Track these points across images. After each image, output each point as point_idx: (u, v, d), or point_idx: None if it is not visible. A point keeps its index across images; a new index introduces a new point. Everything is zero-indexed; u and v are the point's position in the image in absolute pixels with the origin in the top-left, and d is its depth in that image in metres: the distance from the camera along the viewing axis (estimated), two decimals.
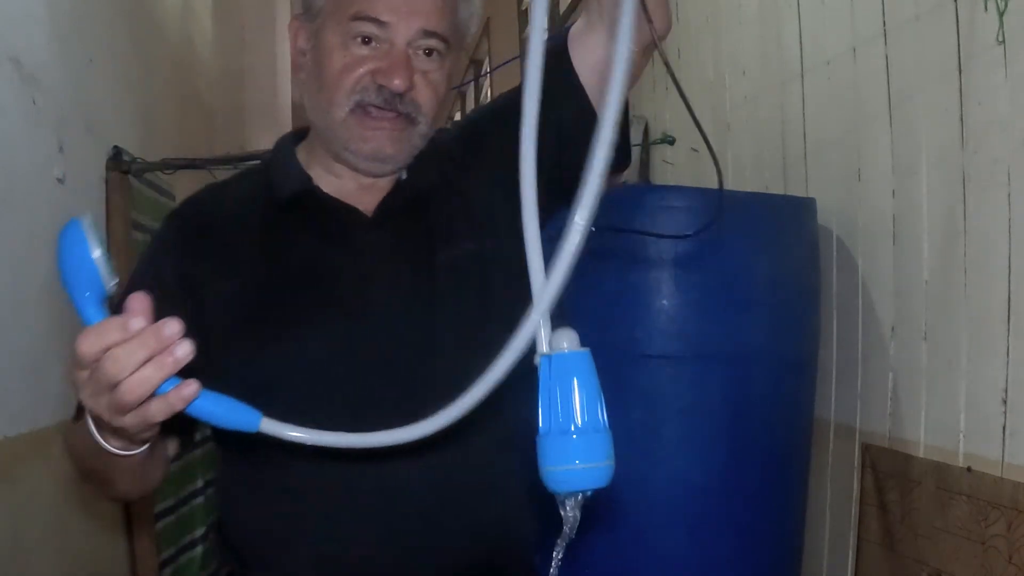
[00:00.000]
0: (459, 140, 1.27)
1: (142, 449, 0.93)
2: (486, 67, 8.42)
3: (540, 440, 0.74)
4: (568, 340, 0.75)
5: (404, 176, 1.21)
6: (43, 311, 2.03)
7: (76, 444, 1.09)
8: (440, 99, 1.16)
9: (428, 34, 1.12)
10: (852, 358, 1.98)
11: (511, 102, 1.24)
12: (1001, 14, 1.47)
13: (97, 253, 0.80)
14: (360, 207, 1.18)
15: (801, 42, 2.22)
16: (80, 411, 1.11)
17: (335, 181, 1.19)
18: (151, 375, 0.78)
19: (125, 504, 2.45)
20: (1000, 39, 1.48)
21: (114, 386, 0.79)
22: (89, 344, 0.80)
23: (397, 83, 1.10)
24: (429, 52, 1.13)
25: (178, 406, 0.80)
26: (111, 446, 0.92)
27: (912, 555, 1.70)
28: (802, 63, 2.21)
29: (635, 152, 3.31)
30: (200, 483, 2.89)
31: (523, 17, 5.42)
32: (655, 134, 3.26)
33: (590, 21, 1.19)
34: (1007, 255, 1.49)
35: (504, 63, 4.70)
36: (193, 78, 3.79)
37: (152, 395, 0.80)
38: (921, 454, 1.72)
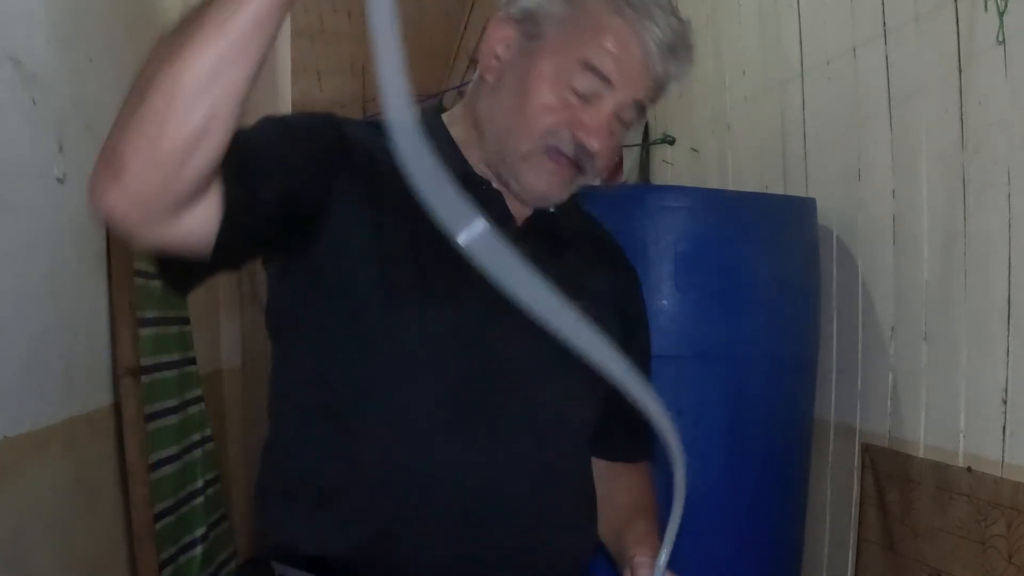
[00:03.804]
0: (627, 267, 1.35)
1: None
2: None
3: None
4: None
5: (552, 208, 1.22)
6: (43, 311, 2.03)
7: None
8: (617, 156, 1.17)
9: (637, 104, 1.13)
10: (852, 358, 1.98)
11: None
12: (1001, 14, 1.47)
13: None
14: (512, 213, 1.19)
15: (801, 42, 2.22)
16: None
17: (484, 176, 1.18)
18: None
19: (125, 504, 2.45)
20: (1000, 39, 1.48)
21: None
22: None
23: (595, 146, 1.11)
24: (625, 120, 1.14)
25: None
26: None
27: (912, 555, 1.70)
28: (802, 63, 2.21)
29: (635, 152, 3.31)
30: (200, 483, 2.89)
31: None
32: (655, 134, 3.26)
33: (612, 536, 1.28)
34: (1007, 255, 1.49)
35: None
36: None
37: None
38: (921, 454, 1.72)
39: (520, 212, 1.20)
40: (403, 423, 1.09)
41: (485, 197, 1.16)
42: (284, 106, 6.66)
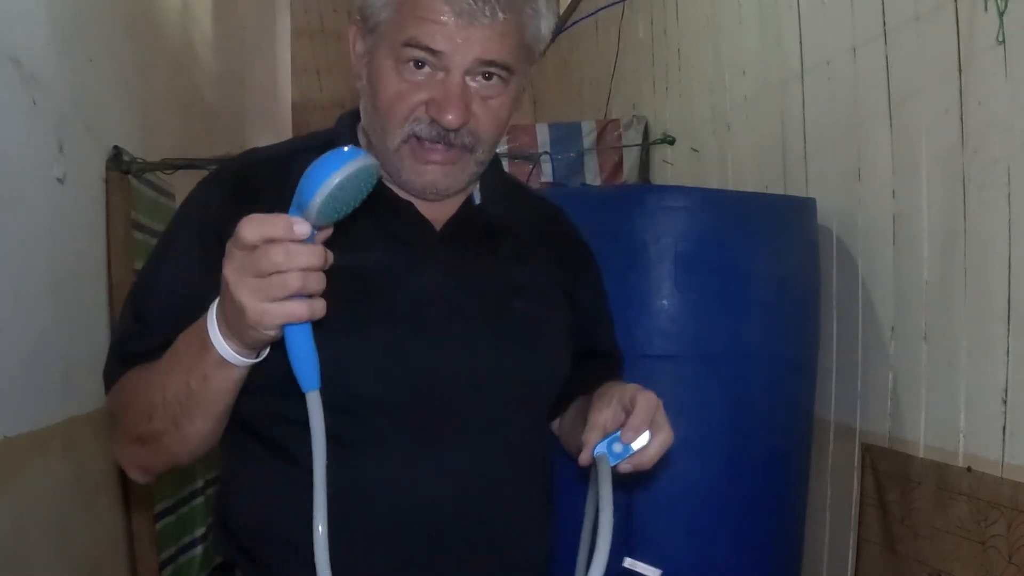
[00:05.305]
0: (574, 242, 1.32)
1: (256, 359, 0.96)
2: None
3: None
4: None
5: (477, 201, 1.19)
6: (43, 311, 2.03)
7: (144, 386, 1.04)
8: (503, 124, 1.12)
9: (486, 63, 1.07)
10: (852, 358, 1.98)
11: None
12: (1001, 14, 1.47)
13: (334, 182, 0.84)
14: (428, 218, 1.16)
15: (801, 42, 2.22)
16: (125, 365, 1.11)
17: (395, 185, 1.16)
18: (308, 278, 0.86)
19: (125, 504, 2.45)
20: (1000, 39, 1.48)
21: (269, 274, 0.85)
22: (251, 230, 0.85)
23: (450, 119, 1.06)
24: (489, 76, 1.08)
25: (318, 313, 0.87)
26: (228, 348, 0.94)
27: (912, 555, 1.70)
28: (802, 63, 2.21)
29: (635, 152, 3.31)
30: (200, 483, 2.89)
31: None
32: (655, 134, 3.26)
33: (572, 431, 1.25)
34: (1007, 255, 1.49)
35: None
36: (193, 78, 3.79)
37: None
38: (921, 454, 1.72)
39: (440, 214, 1.17)
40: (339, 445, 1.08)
41: (395, 212, 1.14)
42: (285, 105, 6.66)
